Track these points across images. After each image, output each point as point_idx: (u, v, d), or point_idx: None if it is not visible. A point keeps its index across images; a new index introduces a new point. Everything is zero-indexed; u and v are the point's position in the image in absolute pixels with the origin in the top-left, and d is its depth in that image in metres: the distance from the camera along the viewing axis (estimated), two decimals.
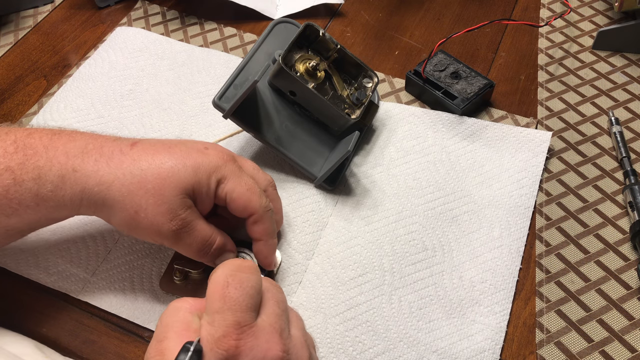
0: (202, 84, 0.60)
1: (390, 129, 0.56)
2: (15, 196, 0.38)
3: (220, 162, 0.41)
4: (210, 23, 0.67)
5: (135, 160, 0.39)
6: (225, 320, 0.32)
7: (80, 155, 0.39)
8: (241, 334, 0.32)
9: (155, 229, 0.39)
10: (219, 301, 0.33)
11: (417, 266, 0.47)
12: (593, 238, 0.48)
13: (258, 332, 0.33)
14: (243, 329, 0.32)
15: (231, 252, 0.43)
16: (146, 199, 0.38)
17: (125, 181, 0.39)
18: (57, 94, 0.59)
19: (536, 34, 0.64)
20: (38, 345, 0.41)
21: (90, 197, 0.39)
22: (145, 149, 0.40)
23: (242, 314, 0.33)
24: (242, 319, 0.33)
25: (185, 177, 0.39)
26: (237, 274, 0.34)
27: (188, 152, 0.41)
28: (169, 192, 0.39)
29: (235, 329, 0.32)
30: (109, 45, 0.64)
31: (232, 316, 0.32)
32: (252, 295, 0.34)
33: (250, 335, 0.32)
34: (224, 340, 0.32)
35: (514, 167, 0.52)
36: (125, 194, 0.38)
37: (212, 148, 0.42)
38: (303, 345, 0.36)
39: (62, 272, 0.47)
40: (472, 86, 0.56)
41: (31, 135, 0.40)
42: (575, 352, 0.43)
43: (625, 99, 0.58)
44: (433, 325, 0.44)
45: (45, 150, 0.39)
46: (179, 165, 0.40)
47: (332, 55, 0.52)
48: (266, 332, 0.33)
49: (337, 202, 0.51)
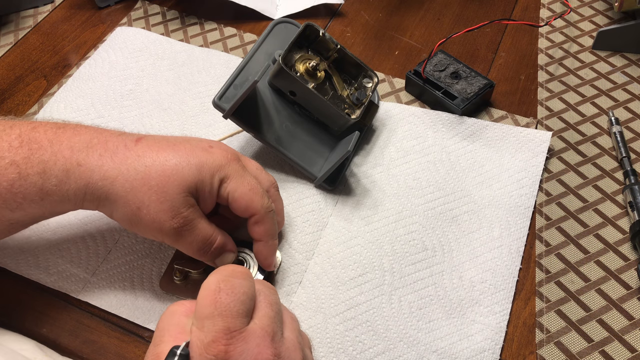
0: (202, 84, 0.60)
1: (390, 129, 0.56)
2: (20, 190, 0.38)
3: (224, 161, 0.41)
4: (210, 23, 0.67)
5: (139, 156, 0.39)
6: (215, 326, 0.32)
7: (85, 149, 0.39)
8: (231, 339, 0.32)
9: (157, 226, 0.39)
10: (209, 306, 0.33)
11: (417, 266, 0.47)
12: (593, 238, 0.48)
13: (248, 337, 0.33)
14: (233, 334, 0.32)
15: (232, 252, 0.43)
16: (149, 195, 0.38)
17: (129, 177, 0.39)
18: (57, 94, 0.59)
19: (536, 34, 0.64)
20: (38, 344, 0.41)
21: (93, 192, 0.39)
22: (150, 146, 0.40)
23: (232, 320, 0.33)
24: (232, 325, 0.32)
25: (188, 176, 0.39)
26: (229, 280, 0.34)
27: (193, 150, 0.41)
28: (172, 189, 0.39)
29: (225, 334, 0.32)
30: (109, 45, 0.64)
31: (222, 322, 0.32)
32: (244, 301, 0.34)
33: (240, 340, 0.32)
34: (213, 346, 0.32)
35: (514, 167, 0.52)
36: (129, 189, 0.38)
37: (216, 147, 0.42)
38: (296, 347, 0.35)
39: (62, 272, 0.47)
40: (472, 86, 0.56)
41: (36, 129, 0.40)
42: (575, 352, 0.43)
43: (625, 99, 0.58)
44: (433, 325, 0.44)
45: (50, 145, 0.39)
46: (183, 163, 0.40)
47: (332, 55, 0.52)
48: (257, 336, 0.33)
49: (337, 202, 0.51)
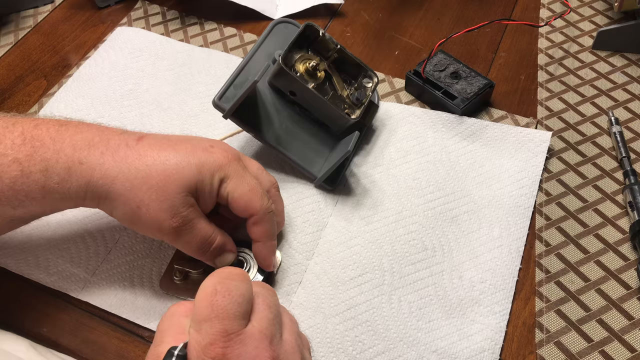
0: (202, 84, 0.60)
1: (390, 129, 0.56)
2: (22, 188, 0.38)
3: (224, 161, 0.41)
4: (210, 23, 0.67)
5: (140, 155, 0.40)
6: (212, 328, 0.32)
7: (87, 148, 0.39)
8: (228, 341, 0.32)
9: (157, 224, 0.39)
10: (206, 309, 0.33)
11: (417, 266, 0.47)
12: (593, 238, 0.48)
13: (246, 339, 0.33)
14: (230, 336, 0.32)
15: (231, 252, 0.43)
16: (149, 194, 0.39)
17: (130, 175, 0.39)
18: (57, 94, 0.59)
19: (536, 34, 0.64)
20: (32, 344, 0.41)
21: (94, 190, 0.39)
22: (151, 145, 0.40)
23: (229, 322, 0.33)
24: (229, 327, 0.32)
25: (189, 175, 0.39)
26: (225, 282, 0.34)
27: (193, 149, 0.41)
28: (172, 189, 0.39)
29: (223, 336, 0.32)
30: (109, 45, 0.64)
31: (219, 324, 0.32)
32: (241, 303, 0.34)
33: (238, 342, 0.32)
34: (210, 348, 0.32)
35: (513, 167, 0.52)
36: (129, 188, 0.39)
37: (217, 146, 0.42)
38: (295, 350, 0.35)
39: (62, 272, 0.47)
40: (472, 86, 0.56)
41: (38, 127, 0.40)
42: (575, 352, 0.43)
43: (625, 99, 0.58)
44: (433, 325, 0.44)
45: (52, 142, 0.39)
46: (184, 162, 0.40)
47: (332, 55, 0.52)
48: (255, 339, 0.33)
49: (337, 202, 0.51)
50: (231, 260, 0.43)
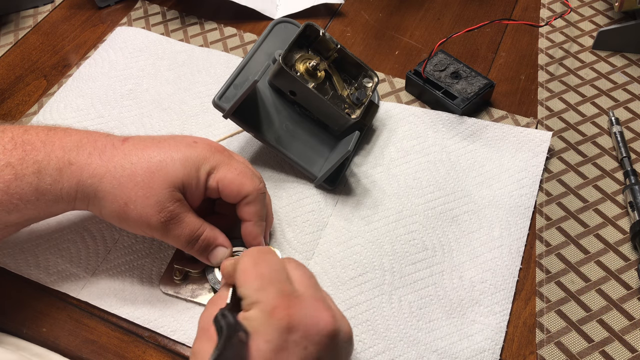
0: (202, 83, 0.60)
1: (390, 129, 0.56)
2: (16, 191, 0.39)
3: (208, 153, 0.42)
4: (210, 23, 0.67)
5: (126, 154, 0.41)
6: (269, 294, 0.33)
7: (75, 149, 0.41)
8: (289, 301, 0.33)
9: (145, 220, 0.40)
10: (256, 280, 0.34)
11: (417, 266, 0.47)
12: (593, 238, 0.48)
13: (305, 301, 0.33)
14: (289, 297, 0.33)
15: (224, 246, 0.43)
16: (135, 191, 0.40)
17: (116, 174, 0.40)
18: (57, 93, 0.59)
19: (536, 34, 0.64)
20: (20, 347, 0.42)
21: (84, 190, 0.40)
22: (136, 144, 0.42)
23: (281, 285, 0.34)
24: (285, 288, 0.33)
25: (173, 171, 0.40)
26: (260, 255, 0.36)
27: (177, 146, 0.42)
28: (157, 185, 0.40)
29: (283, 297, 0.33)
30: (109, 45, 0.64)
31: (274, 288, 0.33)
32: (280, 270, 0.35)
33: (298, 303, 0.33)
34: (275, 312, 0.32)
35: (514, 167, 0.52)
36: (116, 185, 0.40)
37: (200, 141, 0.43)
38: (343, 315, 0.36)
39: (62, 272, 0.47)
40: (472, 86, 0.56)
41: (27, 132, 0.41)
42: (576, 352, 0.43)
43: (625, 99, 0.58)
44: (433, 325, 0.44)
45: (43, 145, 0.40)
46: (167, 159, 0.41)
47: (332, 55, 0.52)
48: (312, 301, 0.34)
49: (337, 202, 0.51)
50: (225, 255, 0.43)
